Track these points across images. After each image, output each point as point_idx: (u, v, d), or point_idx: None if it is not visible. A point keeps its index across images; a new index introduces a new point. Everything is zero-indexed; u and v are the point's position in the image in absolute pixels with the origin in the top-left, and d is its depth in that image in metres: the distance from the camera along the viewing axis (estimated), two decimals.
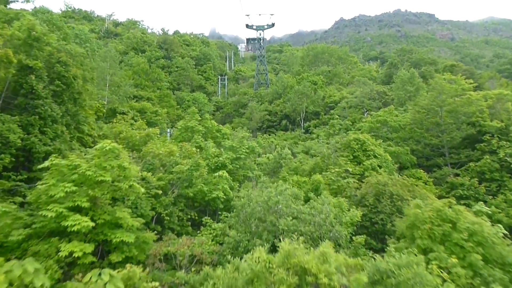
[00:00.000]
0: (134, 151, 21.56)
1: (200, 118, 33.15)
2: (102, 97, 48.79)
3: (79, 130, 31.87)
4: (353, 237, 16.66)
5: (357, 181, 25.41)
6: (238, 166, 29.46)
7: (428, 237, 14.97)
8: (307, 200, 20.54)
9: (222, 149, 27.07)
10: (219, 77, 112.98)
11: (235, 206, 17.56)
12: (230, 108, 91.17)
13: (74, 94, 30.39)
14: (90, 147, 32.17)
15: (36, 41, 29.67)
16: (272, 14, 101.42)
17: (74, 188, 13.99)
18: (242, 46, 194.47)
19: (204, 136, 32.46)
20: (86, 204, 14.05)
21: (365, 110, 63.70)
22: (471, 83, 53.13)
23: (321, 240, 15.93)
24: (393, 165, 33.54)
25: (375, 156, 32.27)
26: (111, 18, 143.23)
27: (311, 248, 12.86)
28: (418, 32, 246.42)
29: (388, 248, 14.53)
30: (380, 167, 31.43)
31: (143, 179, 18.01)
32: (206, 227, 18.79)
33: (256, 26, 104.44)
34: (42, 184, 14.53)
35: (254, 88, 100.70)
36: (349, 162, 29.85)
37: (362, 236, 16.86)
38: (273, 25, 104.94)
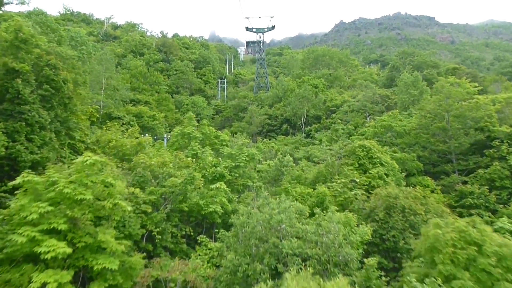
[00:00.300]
0: (125, 162, 19.82)
1: (197, 124, 31.33)
2: (98, 101, 47.09)
3: (71, 136, 30.17)
4: (365, 260, 14.87)
5: (364, 193, 23.67)
6: (237, 174, 27.72)
7: (451, 262, 13.22)
8: (312, 214, 18.85)
9: (220, 158, 25.25)
10: (219, 80, 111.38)
11: (234, 224, 15.80)
12: (230, 112, 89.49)
13: (64, 99, 28.62)
14: (83, 153, 30.62)
15: (24, 43, 27.98)
16: (272, 17, 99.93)
17: (50, 208, 12.24)
18: (242, 49, 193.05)
19: (202, 143, 30.72)
20: (63, 226, 12.30)
21: (367, 114, 62.01)
22: (475, 87, 51.54)
23: (329, 263, 14.19)
24: (400, 173, 31.77)
25: (381, 164, 30.54)
26: (110, 21, 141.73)
27: (321, 279, 11.11)
28: (418, 35, 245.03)
29: (406, 276, 12.76)
30: (387, 175, 29.72)
31: (132, 193, 16.25)
32: (202, 247, 17.04)
33: (256, 28, 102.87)
34: (15, 203, 12.79)
35: (254, 91, 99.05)
36: (355, 172, 28.11)
37: (375, 257, 15.07)
38: (273, 27, 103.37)
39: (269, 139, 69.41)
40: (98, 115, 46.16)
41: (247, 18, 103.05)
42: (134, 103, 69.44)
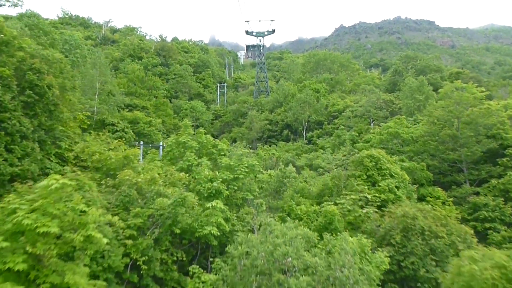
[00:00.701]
0: (109, 178, 17.48)
1: (193, 132, 29.02)
2: (91, 107, 44.78)
3: (57, 145, 27.90)
4: None
5: (377, 211, 21.34)
6: (236, 187, 25.42)
7: None
8: (320, 236, 16.58)
9: (218, 170, 22.87)
10: (218, 84, 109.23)
11: (232, 255, 13.47)
12: (229, 117, 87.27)
13: (49, 106, 26.36)
14: (72, 163, 28.26)
15: (5, 45, 25.80)
16: (272, 20, 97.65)
17: (5, 244, 9.96)
18: (242, 53, 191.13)
19: (198, 153, 28.42)
20: (21, 266, 10.01)
21: (371, 120, 59.75)
22: (482, 91, 49.35)
23: None
24: (412, 185, 29.48)
25: (391, 176, 28.23)
26: (109, 25, 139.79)
27: None
28: (418, 39, 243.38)
29: None
30: (398, 187, 27.43)
31: (108, 222, 13.88)
32: (194, 279, 14.69)
33: (256, 32, 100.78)
34: None
35: (254, 96, 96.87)
36: (365, 187, 25.78)
37: None
38: (273, 31, 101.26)
39: (270, 146, 67.13)
40: (91, 122, 43.92)
41: (247, 21, 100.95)
42: (130, 108, 67.20)
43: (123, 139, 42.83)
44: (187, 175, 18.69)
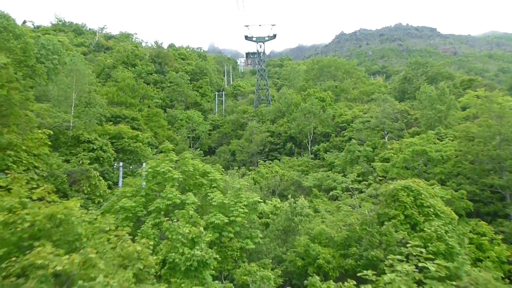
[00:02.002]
0: (16, 258, 10.63)
1: (176, 158, 21.90)
2: (65, 121, 37.85)
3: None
4: None
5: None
6: (231, 234, 18.48)
7: None
8: None
9: (201, 227, 15.76)
10: (216, 93, 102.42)
11: None
12: (228, 128, 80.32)
13: None
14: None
15: None
16: (273, 25, 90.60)
17: None
18: (241, 61, 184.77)
19: (183, 186, 21.38)
20: None
21: (385, 132, 52.79)
22: (509, 101, 42.48)
23: None
24: (461, 227, 22.37)
25: (436, 215, 21.18)
26: (103, 31, 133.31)
27: None
28: (420, 46, 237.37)
29: None
30: (446, 231, 20.38)
31: None
32: None
33: (256, 37, 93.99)
34: None
35: (254, 105, 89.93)
36: (405, 232, 18.73)
37: None
38: (274, 36, 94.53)
39: (272, 161, 60.08)
40: (65, 139, 36.95)
41: (247, 26, 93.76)
42: (119, 119, 60.37)
43: (101, 159, 35.91)
44: (151, 245, 11.57)
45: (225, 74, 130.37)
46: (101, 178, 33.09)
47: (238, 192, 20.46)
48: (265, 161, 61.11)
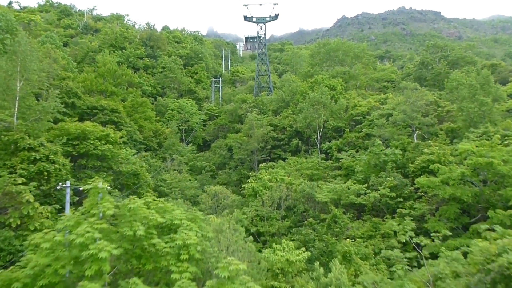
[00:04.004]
0: None
1: (110, 204, 11.31)
2: (2, 120, 27.29)
3: None
4: None
5: None
6: None
7: None
8: None
9: None
10: (213, 79, 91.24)
11: None
12: (225, 119, 69.68)
13: None
14: None
15: None
16: (275, 4, 79.12)
17: None
18: (240, 45, 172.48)
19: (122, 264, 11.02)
20: None
21: (413, 129, 42.19)
22: None
23: None
24: None
25: None
26: (94, 13, 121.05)
27: None
28: (424, 30, 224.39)
29: None
30: None
31: None
32: None
33: (257, 18, 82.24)
34: None
35: (254, 93, 78.89)
36: None
37: None
38: (276, 17, 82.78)
39: (275, 160, 49.75)
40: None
41: (246, 5, 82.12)
42: (96, 111, 49.70)
43: (45, 174, 25.44)
44: None
45: (223, 58, 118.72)
46: (37, 205, 22.70)
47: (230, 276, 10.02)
48: (266, 161, 50.75)
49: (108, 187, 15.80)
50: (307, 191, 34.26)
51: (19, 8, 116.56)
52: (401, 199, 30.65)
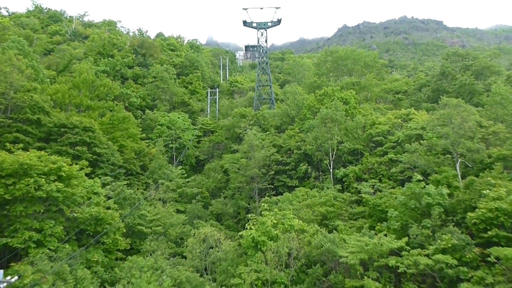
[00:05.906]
0: None
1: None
2: None
3: None
4: None
5: None
6: None
7: None
8: None
9: None
10: (209, 90, 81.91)
11: None
12: (222, 136, 60.31)
13: None
14: None
15: None
16: (278, 8, 69.88)
17: None
18: (240, 54, 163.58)
19: None
20: None
21: (455, 156, 32.69)
22: None
23: None
24: None
25: None
26: (85, 19, 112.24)
27: None
28: (426, 40, 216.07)
29: None
30: None
31: None
32: None
33: (257, 23, 73.10)
34: None
35: (254, 106, 69.51)
36: None
37: None
38: (279, 22, 73.63)
39: (279, 190, 40.27)
40: None
41: (245, 9, 73.11)
42: (65, 131, 40.33)
43: None
44: None
45: (221, 68, 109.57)
46: None
47: None
48: (269, 190, 41.42)
49: None
50: (326, 247, 24.67)
51: (7, 14, 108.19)
52: (464, 267, 21.15)
